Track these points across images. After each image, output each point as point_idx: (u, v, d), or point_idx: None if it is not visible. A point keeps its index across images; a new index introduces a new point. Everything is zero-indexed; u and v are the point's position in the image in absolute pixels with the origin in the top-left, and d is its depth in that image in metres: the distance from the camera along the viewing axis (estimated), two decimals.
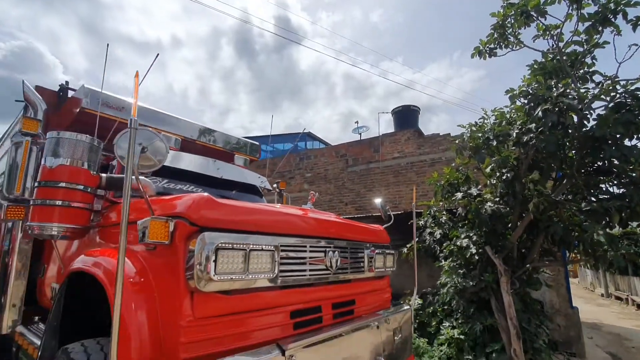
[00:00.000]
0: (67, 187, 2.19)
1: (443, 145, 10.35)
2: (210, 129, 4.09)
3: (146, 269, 1.70)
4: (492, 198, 4.64)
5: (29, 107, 3.63)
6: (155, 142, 1.66)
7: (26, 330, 2.87)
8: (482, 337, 4.58)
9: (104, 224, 2.31)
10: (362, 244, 2.67)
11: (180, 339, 1.47)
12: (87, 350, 1.68)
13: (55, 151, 2.22)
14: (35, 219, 2.15)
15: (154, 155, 1.65)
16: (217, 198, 1.75)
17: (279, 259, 1.86)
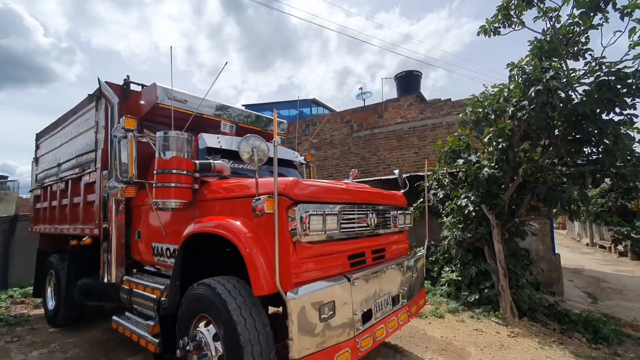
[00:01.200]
0: (177, 173, 2.97)
1: (444, 110, 10.97)
2: (252, 113, 4.79)
3: (256, 229, 2.54)
4: (489, 164, 5.44)
5: (101, 100, 4.29)
6: (261, 145, 2.41)
7: (132, 277, 3.79)
8: (477, 278, 5.62)
9: (201, 198, 3.11)
10: (389, 207, 3.52)
11: (292, 270, 2.33)
12: (220, 282, 2.55)
13: (166, 146, 2.96)
14: (159, 196, 2.95)
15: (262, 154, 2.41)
16: (302, 180, 2.55)
17: (342, 220, 2.71)
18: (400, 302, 3.30)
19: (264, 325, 2.38)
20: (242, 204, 2.73)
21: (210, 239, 2.86)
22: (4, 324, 5.33)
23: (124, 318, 3.73)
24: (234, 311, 2.33)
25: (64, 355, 4.10)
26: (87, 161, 4.48)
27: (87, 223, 4.35)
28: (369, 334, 2.71)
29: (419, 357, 3.86)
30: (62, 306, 4.94)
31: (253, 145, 2.40)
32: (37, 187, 6.10)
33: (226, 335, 2.33)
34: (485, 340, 4.36)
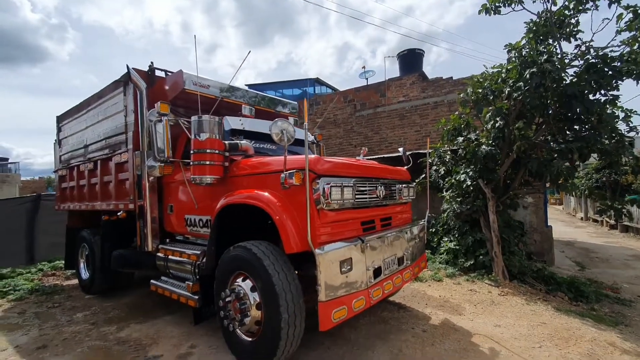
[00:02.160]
0: (211, 152, 3.38)
1: (445, 89, 11.24)
2: (266, 96, 5.15)
3: (284, 199, 2.98)
4: (487, 142, 5.85)
5: (129, 86, 4.63)
6: (289, 127, 2.82)
7: (167, 246, 4.27)
8: (473, 246, 6.15)
9: (231, 175, 3.53)
10: (395, 181, 3.96)
11: (317, 232, 2.80)
12: (254, 244, 3.03)
13: (201, 128, 3.36)
14: (196, 173, 3.38)
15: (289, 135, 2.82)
16: (323, 157, 2.97)
17: (355, 191, 3.15)
18: (405, 263, 3.80)
19: (293, 278, 2.87)
20: (270, 179, 3.17)
21: (239, 210, 3.32)
22: (41, 293, 5.88)
23: (162, 281, 4.24)
24: (269, 266, 2.81)
25: (106, 316, 4.65)
26: (116, 142, 4.87)
27: (121, 199, 4.80)
28: (379, 287, 3.22)
29: (420, 311, 4.42)
30: (97, 275, 5.47)
31: (282, 127, 2.80)
32: (63, 167, 6.51)
33: (263, 286, 2.82)
34: (478, 298, 4.92)
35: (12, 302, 5.45)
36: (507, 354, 3.36)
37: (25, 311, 5.00)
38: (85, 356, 3.48)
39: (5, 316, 4.83)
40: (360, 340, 3.57)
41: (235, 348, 3.15)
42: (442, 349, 3.39)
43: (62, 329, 4.24)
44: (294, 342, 2.84)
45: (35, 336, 4.04)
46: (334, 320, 2.64)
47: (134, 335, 3.93)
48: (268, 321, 2.80)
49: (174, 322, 4.24)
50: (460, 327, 3.96)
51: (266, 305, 2.82)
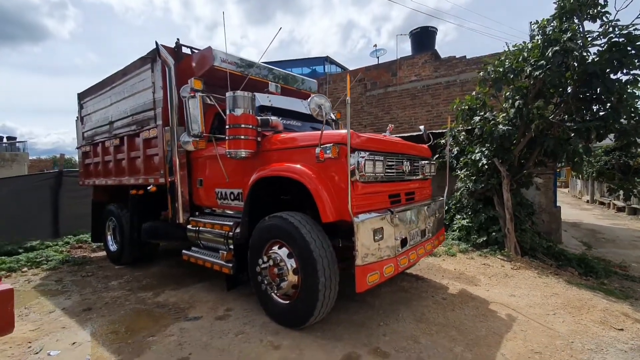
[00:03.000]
0: (245, 127, 3.53)
1: (458, 68, 11.16)
2: (289, 73, 5.24)
3: (318, 172, 3.14)
4: (503, 121, 5.92)
5: (156, 62, 4.73)
6: (325, 103, 2.94)
7: (198, 218, 4.49)
8: (485, 223, 6.34)
9: (263, 149, 3.68)
10: (418, 157, 4.11)
11: (352, 202, 2.97)
12: (289, 214, 3.22)
13: (236, 104, 3.49)
14: (231, 147, 3.53)
15: (327, 111, 2.94)
16: (357, 132, 3.11)
17: (385, 165, 3.31)
18: (427, 235, 3.99)
19: (328, 244, 3.07)
20: (303, 153, 3.32)
21: (270, 183, 3.50)
22: (72, 263, 6.18)
23: (194, 251, 4.48)
24: (306, 234, 3.01)
25: (140, 284, 4.93)
26: (144, 119, 5.01)
27: (151, 174, 4.99)
28: (405, 256, 3.42)
29: (437, 282, 4.65)
30: (126, 247, 5.74)
31: (319, 103, 2.93)
32: (86, 144, 6.69)
33: (300, 252, 3.02)
34: (492, 271, 5.14)
35: (47, 271, 5.76)
36: (524, 319, 3.59)
37: (61, 279, 5.30)
38: (129, 317, 3.75)
39: (45, 283, 5.13)
40: (385, 306, 3.81)
41: (272, 310, 3.40)
42: (463, 314, 3.62)
43: (101, 294, 4.52)
44: (329, 304, 3.08)
45: (78, 300, 4.33)
46: (368, 283, 2.86)
47: (171, 300, 4.20)
48: (305, 285, 3.03)
49: (205, 289, 4.51)
50: (477, 296, 4.19)
51: (304, 270, 3.03)
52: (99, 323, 3.61)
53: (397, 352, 2.87)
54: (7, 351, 3.09)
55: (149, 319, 3.67)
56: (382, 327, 3.29)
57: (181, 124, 4.51)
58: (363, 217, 2.91)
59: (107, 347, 3.10)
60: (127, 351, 3.00)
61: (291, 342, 3.05)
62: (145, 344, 3.12)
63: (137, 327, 3.49)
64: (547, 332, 3.32)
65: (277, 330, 3.27)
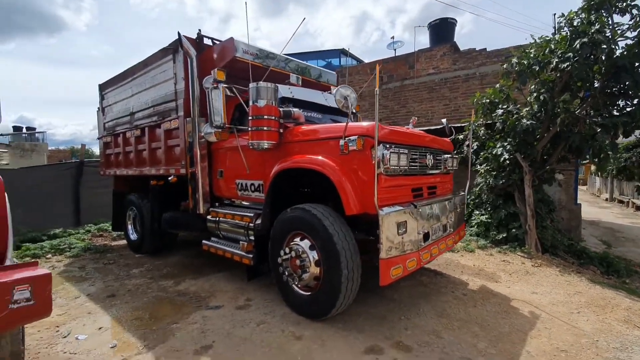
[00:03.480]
0: (268, 118, 3.52)
1: (478, 61, 10.91)
2: (308, 65, 5.20)
3: (342, 164, 3.12)
4: (527, 115, 5.78)
5: (178, 53, 4.75)
6: (351, 94, 2.90)
7: (218, 209, 4.53)
8: (505, 220, 6.23)
9: (286, 140, 3.67)
10: (440, 151, 4.04)
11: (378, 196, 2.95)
12: (311, 206, 3.21)
13: (259, 95, 3.48)
14: (254, 138, 3.53)
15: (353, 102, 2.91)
16: (382, 125, 3.07)
17: (409, 158, 3.26)
18: (448, 230, 3.94)
19: (351, 237, 3.06)
20: (326, 145, 3.30)
21: (291, 175, 3.50)
22: (94, 251, 6.34)
23: (214, 242, 4.53)
24: (329, 226, 3.00)
25: (160, 273, 5.02)
26: (165, 110, 5.06)
27: (172, 164, 5.05)
28: (427, 250, 3.39)
29: (456, 277, 4.60)
30: (146, 237, 5.84)
31: (345, 94, 2.90)
32: (107, 134, 6.80)
33: (323, 244, 3.02)
34: (513, 268, 5.06)
35: (70, 259, 5.93)
36: (547, 317, 3.53)
37: (84, 266, 5.44)
38: (152, 304, 3.83)
39: (69, 270, 5.28)
40: (404, 300, 3.79)
41: (293, 301, 3.42)
42: (485, 311, 3.58)
43: (123, 282, 4.63)
44: (351, 296, 3.07)
45: (101, 287, 4.44)
46: (392, 277, 2.84)
47: (192, 289, 4.27)
48: (327, 277, 3.03)
49: (225, 279, 4.57)
50: (498, 292, 4.14)
51: (326, 262, 3.03)
52: (123, 309, 3.70)
53: (419, 347, 2.86)
54: (37, 334, 3.19)
55: (171, 307, 3.74)
56: (403, 321, 3.28)
57: (202, 115, 4.54)
58: (388, 210, 2.89)
59: (132, 332, 3.17)
60: (152, 337, 3.06)
61: (313, 332, 3.06)
62: (169, 330, 3.18)
63: (160, 314, 3.56)
64: (571, 331, 3.26)
65: (298, 320, 3.29)
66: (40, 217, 7.55)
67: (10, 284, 1.51)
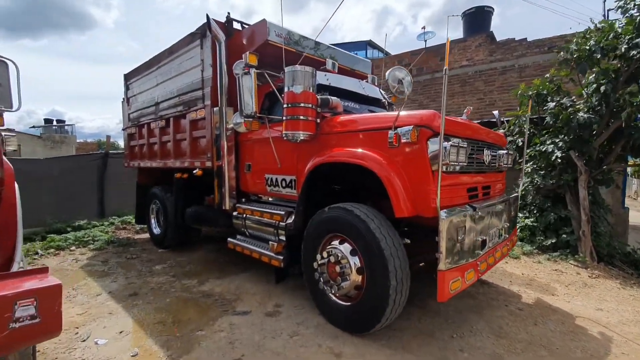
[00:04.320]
0: (305, 106, 3.16)
1: (518, 52, 10.19)
2: (347, 53, 4.81)
3: (391, 159, 2.72)
4: (584, 108, 5.17)
5: (206, 38, 4.45)
6: (406, 77, 2.50)
7: (245, 205, 4.22)
8: (554, 224, 5.66)
9: (323, 132, 3.30)
10: (497, 146, 3.57)
11: (432, 196, 2.54)
12: (353, 206, 2.83)
13: (296, 80, 3.12)
14: (289, 129, 3.18)
15: (408, 87, 2.50)
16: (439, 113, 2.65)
17: (467, 153, 2.83)
18: (503, 235, 3.48)
19: (399, 242, 2.67)
20: (371, 136, 2.91)
21: (327, 171, 3.14)
22: (117, 244, 6.21)
23: (240, 240, 4.24)
24: (375, 230, 2.62)
25: (183, 270, 4.78)
26: (192, 99, 4.79)
27: (197, 157, 4.78)
28: (484, 260, 2.96)
29: (506, 288, 4.13)
30: (169, 231, 5.63)
31: (399, 77, 2.49)
32: (132, 125, 6.63)
33: (368, 250, 2.64)
34: (567, 279, 4.53)
35: (93, 252, 5.80)
36: (621, 340, 3.03)
37: (107, 260, 5.28)
38: (175, 306, 3.57)
39: (92, 264, 5.13)
40: (452, 314, 3.37)
41: (329, 312, 3.07)
42: (548, 330, 3.11)
43: (146, 279, 4.41)
44: (398, 310, 2.69)
45: (123, 284, 4.23)
46: (451, 292, 2.44)
47: (216, 290, 3.99)
48: (372, 287, 2.65)
49: (251, 280, 4.27)
50: (558, 307, 3.65)
51: (371, 270, 2.65)
52: (146, 311, 3.46)
53: None
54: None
55: (196, 310, 3.46)
56: (456, 340, 2.87)
57: (230, 105, 4.24)
58: (449, 213, 2.47)
59: (154, 339, 2.90)
60: (176, 346, 2.78)
61: (354, 349, 2.70)
62: (194, 338, 2.90)
63: (184, 317, 3.29)
64: None
65: (336, 334, 2.94)
66: (66, 208, 7.51)
67: (11, 298, 1.22)
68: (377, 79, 5.03)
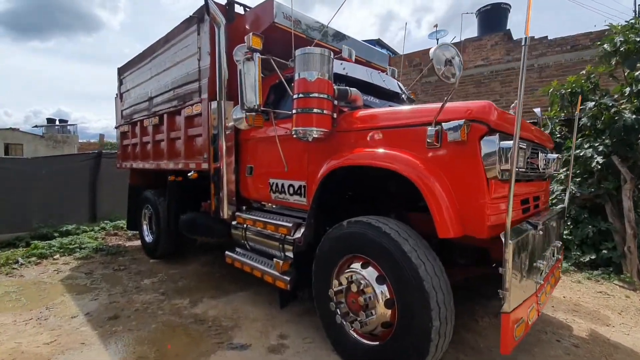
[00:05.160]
0: (319, 97, 2.59)
1: (537, 51, 9.60)
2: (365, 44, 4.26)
3: (431, 163, 2.15)
4: (632, 108, 4.58)
5: (203, 23, 3.91)
6: (456, 57, 1.92)
7: (245, 214, 3.65)
8: (593, 238, 5.04)
9: (341, 129, 2.73)
10: (547, 149, 2.99)
11: (487, 212, 1.96)
12: (380, 221, 2.25)
13: (308, 65, 2.56)
14: (300, 124, 2.61)
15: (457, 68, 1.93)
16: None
17: (526, 157, 2.24)
18: (555, 256, 2.89)
19: (441, 270, 2.08)
20: (404, 134, 2.34)
21: (343, 177, 2.58)
22: (106, 253, 5.65)
23: (239, 254, 3.67)
24: (411, 253, 2.04)
25: (175, 285, 4.21)
26: (187, 92, 4.24)
27: (192, 158, 4.23)
28: (542, 290, 2.37)
29: (551, 316, 3.52)
30: (162, 239, 5.08)
31: (448, 55, 1.91)
32: (124, 123, 6.10)
33: (401, 279, 2.06)
34: (617, 304, 3.91)
35: (79, 261, 5.26)
36: None
37: (92, 272, 4.73)
38: (161, 334, 3.00)
39: (74, 276, 4.58)
40: (494, 351, 2.77)
41: (347, 350, 2.48)
42: None
43: (131, 297, 3.84)
44: (439, 356, 2.10)
45: (105, 303, 3.66)
46: (516, 339, 1.85)
47: (211, 313, 3.41)
48: (407, 327, 2.06)
49: (250, 301, 3.69)
50: (618, 342, 3.03)
51: (405, 305, 2.07)
52: (125, 341, 2.88)
53: None
54: None
55: (185, 341, 2.89)
56: None
57: (230, 99, 3.69)
58: (514, 235, 1.88)
59: None
60: None
61: None
62: None
63: (172, 353, 2.71)
64: None
65: None
66: (55, 212, 6.97)
67: None
68: (396, 71, 4.45)
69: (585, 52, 9.24)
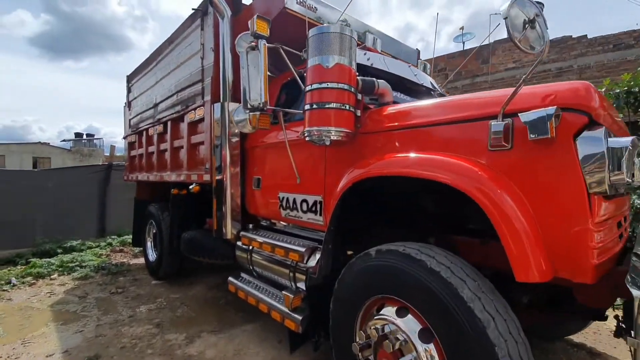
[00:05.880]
0: (338, 88, 2.03)
1: (576, 51, 8.80)
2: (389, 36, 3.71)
3: (496, 172, 1.53)
4: None
5: (207, 16, 3.47)
6: (541, 18, 1.33)
7: (252, 234, 3.09)
8: None
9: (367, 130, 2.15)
10: None
11: (590, 242, 1.32)
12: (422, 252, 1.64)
13: (325, 48, 2.01)
14: (313, 123, 2.05)
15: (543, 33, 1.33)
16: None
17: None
18: None
19: (517, 328, 1.43)
20: (458, 132, 1.73)
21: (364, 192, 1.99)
22: (107, 272, 5.22)
23: (243, 281, 3.12)
24: (471, 302, 1.41)
25: (173, 314, 3.69)
26: (190, 95, 3.79)
27: (194, 168, 3.74)
28: None
29: None
30: (164, 259, 4.59)
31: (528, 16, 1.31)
32: (131, 132, 5.75)
33: (460, 341, 1.43)
34: None
35: (76, 281, 4.84)
36: None
37: (86, 295, 4.28)
38: None
39: (66, 300, 4.13)
40: None
41: None
42: None
43: (121, 329, 3.32)
44: None
45: (90, 337, 3.16)
46: None
47: (208, 354, 2.84)
48: None
49: (256, 337, 3.10)
50: None
51: None
52: None
53: None
54: None
55: None
56: None
57: (236, 100, 3.19)
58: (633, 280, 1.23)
59: None
60: None
61: None
62: None
63: None
64: None
65: None
66: (61, 226, 6.66)
67: None
68: (428, 66, 3.86)
69: (629, 52, 8.40)
